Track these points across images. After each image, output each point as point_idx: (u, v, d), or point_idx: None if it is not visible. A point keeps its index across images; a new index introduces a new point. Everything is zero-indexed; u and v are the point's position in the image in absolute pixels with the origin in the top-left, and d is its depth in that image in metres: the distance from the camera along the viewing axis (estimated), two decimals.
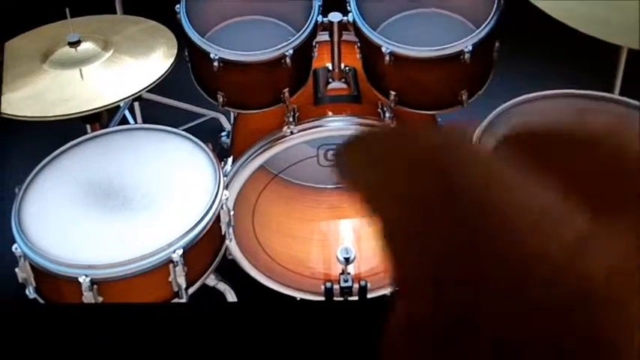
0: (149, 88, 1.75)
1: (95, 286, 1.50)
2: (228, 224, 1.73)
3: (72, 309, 1.21)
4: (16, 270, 1.58)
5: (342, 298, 1.90)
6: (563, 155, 0.21)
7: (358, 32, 1.80)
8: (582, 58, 2.26)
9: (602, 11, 1.58)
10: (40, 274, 1.54)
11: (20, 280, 1.59)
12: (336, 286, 1.89)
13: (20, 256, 1.54)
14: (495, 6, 1.73)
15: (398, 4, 1.92)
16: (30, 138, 2.08)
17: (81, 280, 1.48)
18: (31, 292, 1.60)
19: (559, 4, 1.59)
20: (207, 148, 1.74)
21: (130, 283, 1.52)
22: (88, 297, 1.49)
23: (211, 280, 1.78)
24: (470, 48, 1.69)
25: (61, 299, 1.56)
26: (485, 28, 1.72)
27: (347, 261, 1.85)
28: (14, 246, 1.54)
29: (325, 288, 1.90)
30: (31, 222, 1.58)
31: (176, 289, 1.59)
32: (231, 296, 1.85)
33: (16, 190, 1.65)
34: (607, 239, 0.18)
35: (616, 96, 1.80)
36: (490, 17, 1.72)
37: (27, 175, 1.68)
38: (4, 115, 1.63)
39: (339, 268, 1.90)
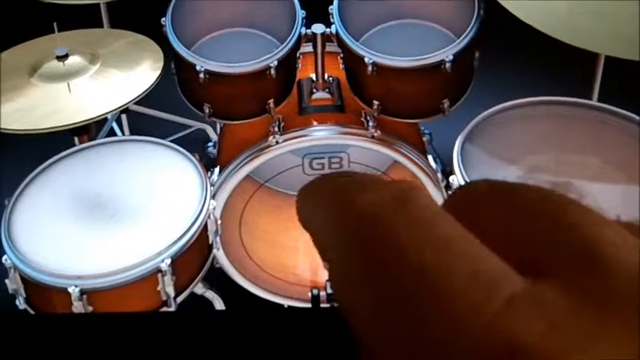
0: (136, 100, 1.75)
1: (85, 296, 1.49)
2: (216, 233, 1.73)
3: (62, 319, 1.20)
4: (6, 281, 1.57)
5: (328, 305, 1.90)
6: (504, 218, 0.21)
7: (341, 43, 1.80)
8: (561, 65, 2.28)
9: (581, 20, 1.60)
10: (30, 284, 1.53)
11: (10, 291, 1.58)
12: (322, 293, 1.89)
13: (10, 267, 1.53)
14: (475, 16, 1.74)
15: (380, 15, 1.93)
16: (19, 150, 2.07)
17: (70, 290, 1.47)
18: (21, 303, 1.59)
19: (538, 13, 1.60)
20: (194, 159, 1.74)
21: (120, 292, 1.52)
22: (77, 307, 1.48)
23: (199, 289, 1.77)
24: (451, 57, 1.70)
25: (52, 309, 1.55)
26: (466, 38, 1.73)
27: None
28: (4, 257, 1.54)
29: (312, 295, 1.90)
30: (20, 233, 1.57)
31: (165, 298, 1.58)
32: (219, 304, 1.84)
33: (6, 201, 1.64)
34: (537, 302, 0.19)
35: (593, 102, 1.82)
36: (470, 27, 1.73)
37: (16, 187, 1.67)
38: None
39: (326, 275, 1.90)
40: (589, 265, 0.19)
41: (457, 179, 1.62)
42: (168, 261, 1.53)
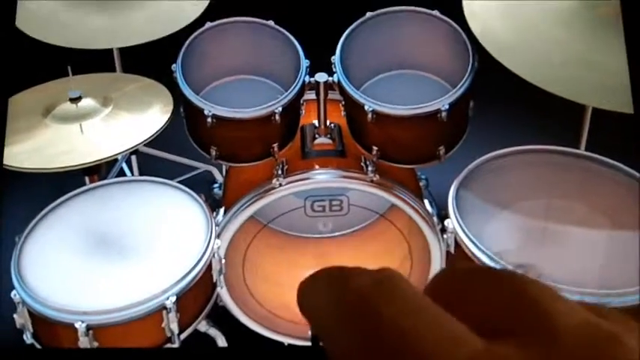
0: (146, 142, 1.76)
1: (91, 332, 1.48)
2: (220, 272, 1.73)
3: (68, 354, 1.20)
4: (14, 316, 1.56)
5: None
6: (475, 295, 0.25)
7: (343, 91, 1.82)
8: (551, 115, 2.30)
9: (569, 72, 1.62)
10: (38, 319, 1.53)
11: (18, 326, 1.57)
12: None
13: (18, 302, 1.53)
14: (470, 68, 1.76)
15: (380, 65, 1.95)
16: (31, 188, 2.08)
17: (77, 325, 1.47)
18: (28, 338, 1.58)
19: (529, 66, 1.63)
20: (200, 199, 1.74)
21: (125, 328, 1.51)
22: (83, 342, 1.47)
23: (203, 326, 1.77)
24: (446, 106, 1.72)
25: (58, 344, 1.54)
26: (461, 88, 1.75)
27: None
28: (13, 292, 1.53)
29: (312, 334, 1.88)
30: (29, 269, 1.58)
31: (169, 335, 1.58)
32: (221, 341, 1.83)
33: (16, 238, 1.64)
34: (495, 358, 0.22)
35: (581, 151, 1.83)
36: (465, 78, 1.76)
37: (27, 225, 1.67)
38: (6, 167, 1.63)
39: None
40: (539, 329, 0.23)
41: (452, 223, 1.63)
42: (173, 298, 1.53)
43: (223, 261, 1.75)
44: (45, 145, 1.74)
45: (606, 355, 0.22)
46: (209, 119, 1.75)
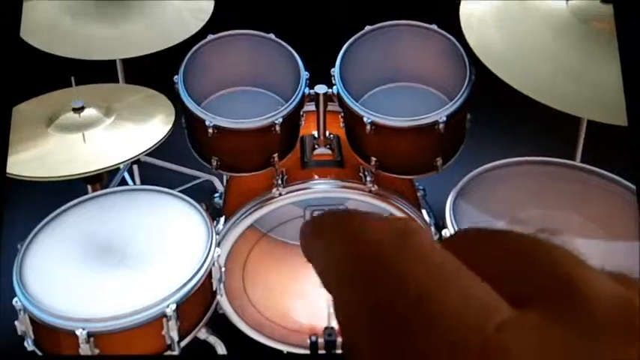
0: (148, 151, 1.76)
1: (92, 339, 1.48)
2: (220, 280, 1.73)
3: None
4: (16, 322, 1.56)
5: (325, 352, 1.88)
6: (494, 255, 0.23)
7: (342, 103, 1.83)
8: (547, 127, 2.31)
9: (564, 85, 1.63)
10: (39, 326, 1.53)
11: (19, 333, 1.57)
12: (320, 340, 1.88)
13: (20, 309, 1.53)
14: (467, 81, 1.77)
15: (378, 78, 1.96)
16: (34, 197, 2.08)
17: (78, 332, 1.47)
18: (29, 344, 1.58)
19: (525, 79, 1.64)
20: (200, 208, 1.75)
21: (126, 335, 1.51)
22: (84, 349, 1.47)
23: (202, 334, 1.76)
24: (444, 118, 1.73)
25: (59, 351, 1.54)
26: (458, 100, 1.76)
27: (331, 316, 1.84)
28: (15, 299, 1.53)
29: (310, 342, 1.89)
30: (31, 276, 1.58)
31: (169, 342, 1.57)
32: (221, 349, 1.83)
33: (19, 245, 1.64)
34: (524, 328, 0.20)
35: (576, 163, 1.84)
36: (462, 91, 1.76)
37: (29, 232, 1.67)
38: (10, 176, 1.64)
39: (324, 322, 1.90)
40: (569, 297, 0.21)
41: (449, 233, 1.63)
42: (174, 306, 1.53)
43: (223, 269, 1.75)
44: (48, 154, 1.75)
45: (631, 326, 0.20)
46: (210, 130, 1.76)
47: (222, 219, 1.89)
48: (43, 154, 1.75)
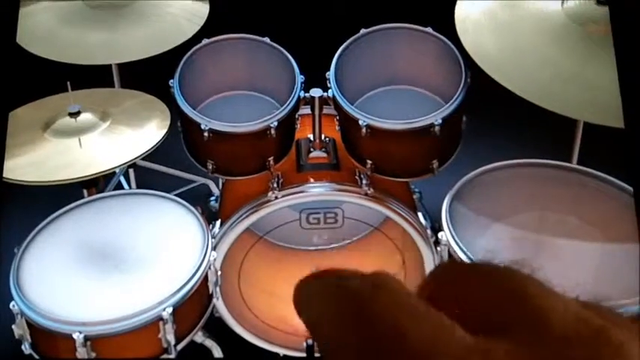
0: (144, 156, 1.76)
1: (89, 342, 1.47)
2: (216, 284, 1.72)
3: None
4: (13, 326, 1.55)
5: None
6: (471, 287, 0.26)
7: (337, 106, 1.83)
8: (543, 130, 2.31)
9: (560, 88, 1.63)
10: (36, 330, 1.52)
11: (17, 336, 1.56)
12: None
13: (17, 313, 1.52)
14: (462, 83, 1.77)
15: (374, 81, 1.96)
16: (31, 201, 2.07)
17: (75, 336, 1.46)
18: (27, 348, 1.57)
19: (521, 82, 1.63)
20: (196, 212, 1.74)
21: (122, 339, 1.50)
22: (81, 352, 1.47)
23: (199, 337, 1.76)
24: (439, 121, 1.72)
25: (56, 355, 1.54)
26: (454, 103, 1.76)
27: None
28: (12, 303, 1.52)
29: (307, 345, 1.88)
30: (28, 280, 1.57)
31: (165, 346, 1.57)
32: (217, 352, 1.82)
33: (16, 249, 1.63)
34: (494, 355, 0.23)
35: (573, 165, 1.84)
36: (458, 93, 1.76)
37: (26, 236, 1.66)
38: (6, 180, 1.63)
39: None
40: (534, 326, 0.23)
41: (445, 235, 1.63)
42: (170, 310, 1.52)
43: (219, 273, 1.75)
44: (44, 159, 1.74)
45: (593, 350, 0.22)
46: (206, 133, 1.75)
47: (218, 222, 1.88)
48: (40, 159, 1.74)
